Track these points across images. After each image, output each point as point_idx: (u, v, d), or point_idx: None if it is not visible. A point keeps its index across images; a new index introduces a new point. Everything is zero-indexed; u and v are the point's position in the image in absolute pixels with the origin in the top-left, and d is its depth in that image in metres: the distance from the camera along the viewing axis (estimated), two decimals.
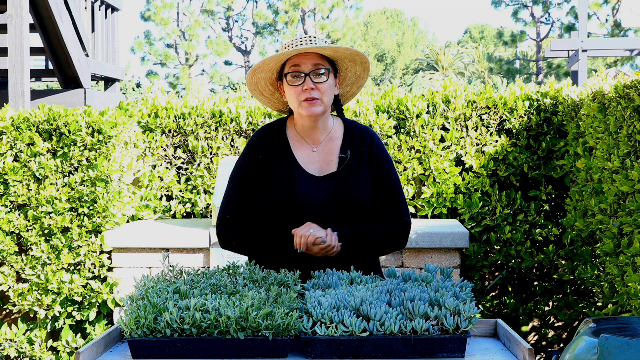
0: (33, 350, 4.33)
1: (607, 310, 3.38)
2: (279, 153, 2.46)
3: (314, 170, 2.45)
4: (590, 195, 3.65)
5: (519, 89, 4.62)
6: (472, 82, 35.93)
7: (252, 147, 2.48)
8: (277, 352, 1.97)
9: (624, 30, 26.37)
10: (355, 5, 29.15)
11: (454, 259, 4.19)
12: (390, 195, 2.48)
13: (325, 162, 2.47)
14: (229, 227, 2.46)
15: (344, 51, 2.42)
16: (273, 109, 2.61)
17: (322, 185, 2.43)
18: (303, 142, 2.48)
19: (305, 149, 2.48)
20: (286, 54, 2.37)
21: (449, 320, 1.96)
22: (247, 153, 2.49)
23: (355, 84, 2.58)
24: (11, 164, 4.24)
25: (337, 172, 2.44)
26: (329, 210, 2.41)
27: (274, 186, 2.41)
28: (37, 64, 9.50)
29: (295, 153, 2.47)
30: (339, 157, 2.46)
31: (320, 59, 2.41)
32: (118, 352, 2.10)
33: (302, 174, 2.43)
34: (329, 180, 2.43)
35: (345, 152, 2.47)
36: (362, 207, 2.44)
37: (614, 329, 1.98)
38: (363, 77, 2.56)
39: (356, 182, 2.44)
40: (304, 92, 2.37)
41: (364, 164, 2.46)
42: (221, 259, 4.12)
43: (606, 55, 12.59)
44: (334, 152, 2.48)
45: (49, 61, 7.73)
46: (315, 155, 2.47)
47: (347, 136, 2.50)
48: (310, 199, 2.40)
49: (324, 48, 2.37)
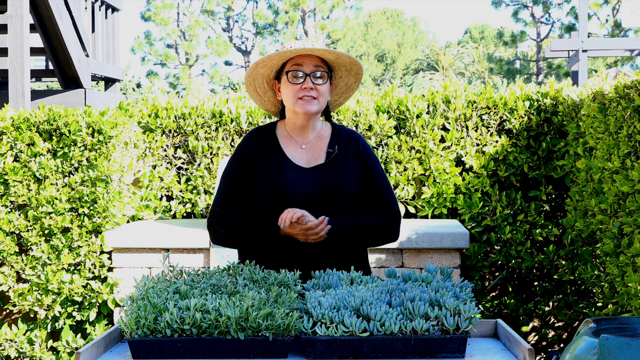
0: (33, 350, 4.32)
1: (607, 310, 3.38)
2: (269, 149, 2.54)
3: (301, 163, 2.53)
4: (590, 195, 3.64)
5: (519, 89, 4.62)
6: (472, 82, 35.92)
7: (242, 146, 2.57)
8: (277, 352, 1.97)
9: (624, 30, 26.37)
10: (355, 5, 29.13)
11: (454, 259, 4.19)
12: (377, 188, 2.55)
13: (313, 157, 2.55)
14: (219, 218, 2.52)
15: (345, 58, 2.51)
16: (262, 107, 2.68)
17: (309, 175, 2.50)
18: (292, 140, 2.57)
19: (294, 145, 2.56)
20: (293, 51, 2.44)
21: (449, 320, 1.96)
22: (238, 151, 2.58)
23: (344, 94, 2.68)
24: (11, 164, 4.23)
25: (324, 164, 2.52)
26: (316, 201, 2.46)
27: (264, 177, 2.49)
28: (37, 64, 9.50)
29: (284, 149, 2.55)
30: (326, 151, 2.54)
31: (321, 62, 2.50)
32: (118, 352, 2.10)
33: (290, 166, 2.51)
34: (316, 171, 2.51)
35: (333, 147, 2.55)
36: (349, 198, 2.50)
37: (614, 329, 1.98)
38: (352, 88, 2.66)
39: (342, 174, 2.51)
40: (302, 90, 2.46)
41: (350, 158, 2.54)
42: (221, 259, 4.12)
43: (606, 55, 12.59)
44: (322, 148, 2.56)
45: (49, 61, 7.73)
46: (303, 151, 2.55)
47: (335, 136, 2.59)
48: (298, 189, 2.47)
49: (327, 51, 2.47)
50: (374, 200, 2.53)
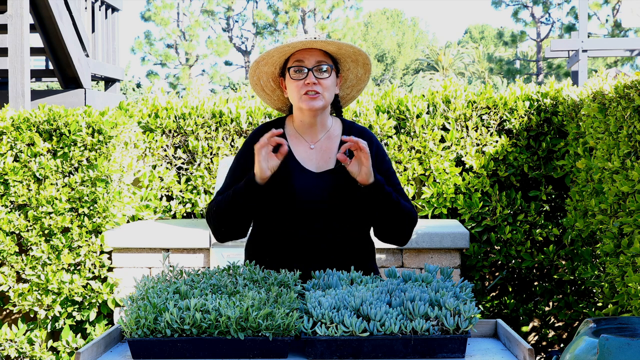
0: (33, 350, 4.33)
1: (607, 310, 3.38)
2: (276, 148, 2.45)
3: (311, 166, 2.45)
4: (590, 195, 3.65)
5: (519, 89, 4.62)
6: (472, 82, 35.92)
7: (249, 142, 2.49)
8: (277, 352, 1.97)
9: (624, 30, 26.37)
10: (355, 5, 29.15)
11: (454, 259, 4.19)
12: (397, 191, 2.47)
13: (322, 160, 2.47)
14: (213, 201, 2.45)
15: (347, 48, 2.43)
16: (273, 106, 2.62)
17: (319, 180, 2.42)
18: (300, 139, 2.49)
19: (303, 145, 2.48)
20: (291, 45, 2.37)
21: (449, 320, 1.96)
22: (245, 147, 2.50)
23: (355, 86, 2.59)
24: (11, 164, 4.24)
25: (334, 169, 2.44)
26: (326, 206, 2.41)
27: (270, 180, 2.38)
28: (37, 64, 9.50)
29: (292, 149, 2.47)
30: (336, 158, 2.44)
31: (324, 55, 2.42)
32: (118, 352, 2.10)
33: (298, 169, 2.43)
34: (326, 177, 2.43)
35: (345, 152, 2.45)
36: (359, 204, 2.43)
37: (614, 329, 1.98)
38: (363, 80, 2.57)
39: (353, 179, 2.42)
40: (306, 86, 2.38)
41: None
42: (221, 259, 4.12)
43: (606, 55, 12.59)
44: (332, 149, 2.48)
45: (49, 61, 7.73)
46: (312, 152, 2.47)
47: (346, 134, 2.49)
48: (307, 194, 2.40)
49: (327, 43, 2.39)
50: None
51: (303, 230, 2.41)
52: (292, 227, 2.42)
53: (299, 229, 2.41)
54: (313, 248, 2.41)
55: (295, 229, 2.42)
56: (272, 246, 2.46)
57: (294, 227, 2.41)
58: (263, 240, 2.49)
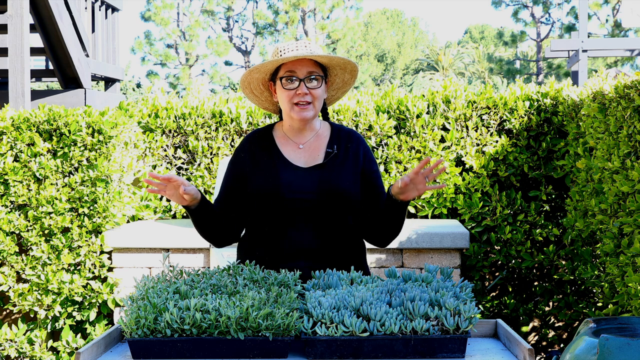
0: (33, 350, 4.33)
1: (607, 310, 3.38)
2: (265, 150, 2.52)
3: (299, 163, 2.51)
4: (590, 195, 3.65)
5: (519, 89, 4.62)
6: (472, 82, 35.92)
7: (238, 149, 2.57)
8: (277, 352, 1.97)
9: (624, 30, 26.36)
10: (355, 5, 29.12)
11: (454, 259, 4.19)
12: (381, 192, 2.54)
13: (311, 157, 2.52)
14: None
15: (338, 60, 2.48)
16: (260, 106, 2.68)
17: (307, 175, 2.47)
18: (289, 141, 2.55)
19: (292, 146, 2.54)
20: (285, 59, 2.42)
21: (449, 320, 1.96)
22: (235, 155, 2.58)
23: (340, 89, 2.66)
24: (11, 164, 4.24)
25: (323, 164, 2.49)
26: (314, 200, 2.45)
27: (258, 177, 2.48)
28: (37, 64, 9.50)
29: (281, 149, 2.53)
30: (325, 151, 2.51)
31: (314, 65, 2.47)
32: (118, 352, 2.10)
33: (287, 166, 2.49)
34: (314, 172, 2.48)
35: (332, 147, 2.52)
36: (348, 198, 2.48)
37: (614, 329, 1.98)
38: (349, 84, 2.64)
39: (341, 174, 2.48)
40: (297, 96, 2.44)
41: (349, 159, 2.52)
42: (221, 259, 4.12)
43: (606, 55, 12.58)
44: (320, 148, 2.53)
45: (49, 61, 7.72)
46: (301, 151, 2.53)
47: (334, 135, 2.56)
48: (295, 189, 2.45)
49: (320, 57, 2.45)
50: (376, 203, 2.52)
51: (292, 225, 2.45)
52: (281, 222, 2.45)
53: (289, 224, 2.45)
54: (302, 243, 2.44)
55: (284, 224, 2.45)
56: (262, 241, 2.50)
57: (284, 222, 2.45)
58: (254, 237, 2.53)
